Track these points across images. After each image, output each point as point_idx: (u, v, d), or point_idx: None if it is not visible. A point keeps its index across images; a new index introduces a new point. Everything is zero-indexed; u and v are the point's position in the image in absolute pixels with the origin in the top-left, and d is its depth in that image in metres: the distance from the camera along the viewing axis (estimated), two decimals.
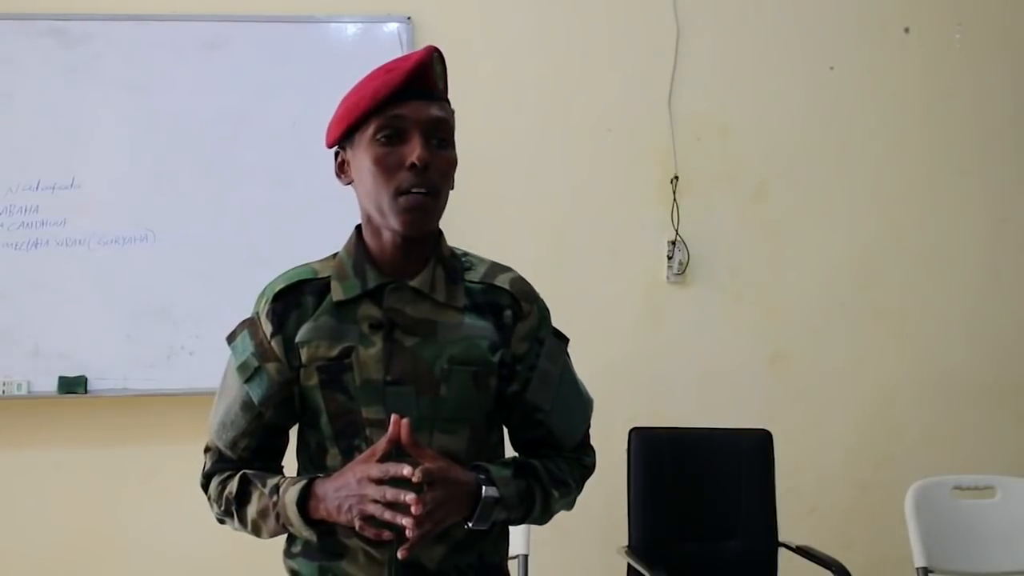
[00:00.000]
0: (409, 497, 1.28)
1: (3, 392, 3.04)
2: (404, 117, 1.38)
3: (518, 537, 2.60)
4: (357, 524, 1.33)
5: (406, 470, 1.29)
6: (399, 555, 1.32)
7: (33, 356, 3.06)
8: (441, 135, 1.42)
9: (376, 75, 1.41)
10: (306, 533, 1.40)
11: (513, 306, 1.46)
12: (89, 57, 3.11)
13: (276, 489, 1.41)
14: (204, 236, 3.11)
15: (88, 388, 3.06)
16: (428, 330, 1.43)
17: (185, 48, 3.14)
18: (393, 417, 1.34)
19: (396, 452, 1.34)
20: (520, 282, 1.50)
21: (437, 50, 1.43)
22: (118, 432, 3.15)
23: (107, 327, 3.09)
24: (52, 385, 3.05)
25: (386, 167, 1.39)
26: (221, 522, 1.51)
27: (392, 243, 1.44)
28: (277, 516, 1.40)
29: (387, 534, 1.32)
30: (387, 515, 1.30)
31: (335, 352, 1.42)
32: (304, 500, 1.38)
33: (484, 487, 1.36)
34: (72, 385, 3.05)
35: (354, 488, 1.33)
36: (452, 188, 1.47)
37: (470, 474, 1.38)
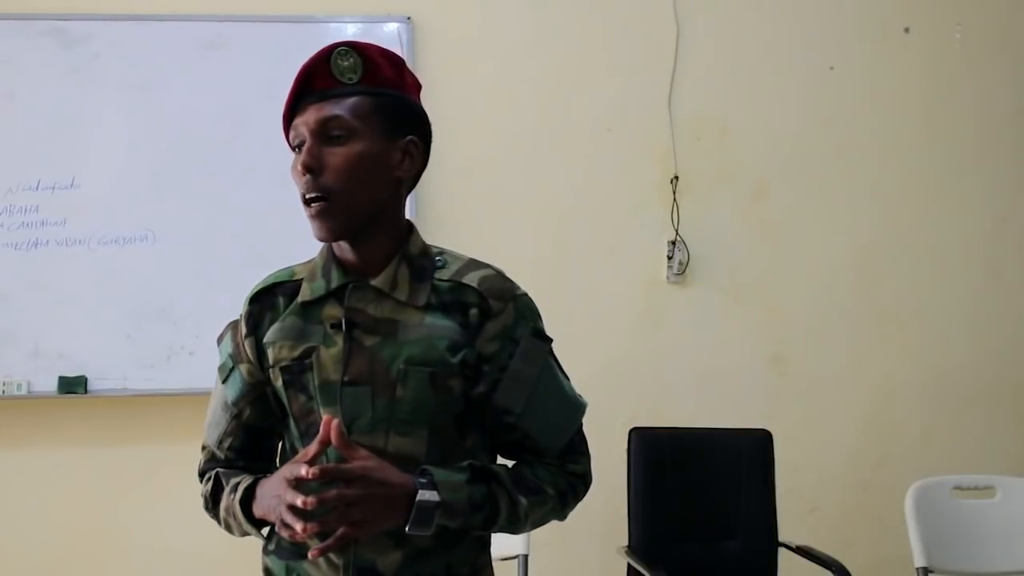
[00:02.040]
0: (300, 500, 1.25)
1: (3, 392, 3.04)
2: (299, 125, 1.40)
3: (517, 537, 2.60)
4: (277, 526, 1.34)
5: (302, 470, 1.27)
6: (309, 555, 1.31)
7: (33, 356, 3.06)
8: (336, 131, 1.38)
9: None
10: (253, 532, 1.43)
11: (480, 304, 1.41)
12: (89, 57, 3.11)
13: (235, 487, 1.43)
14: (204, 236, 3.11)
15: (88, 388, 3.06)
16: (389, 330, 1.40)
17: (185, 48, 3.14)
18: (324, 418, 1.31)
19: (338, 456, 1.32)
20: (493, 279, 1.44)
21: (343, 45, 1.41)
22: (118, 432, 3.15)
23: (107, 327, 3.09)
24: (52, 385, 3.05)
25: (295, 175, 1.41)
26: (213, 518, 1.52)
27: (345, 244, 1.44)
28: (234, 515, 1.43)
29: (298, 536, 1.29)
30: (288, 517, 1.29)
31: (297, 352, 1.42)
32: (248, 500, 1.41)
33: (420, 490, 1.31)
34: (72, 385, 3.05)
35: (276, 489, 1.34)
36: (398, 175, 1.42)
37: (405, 477, 1.32)
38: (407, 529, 1.31)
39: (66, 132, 3.10)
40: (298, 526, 1.27)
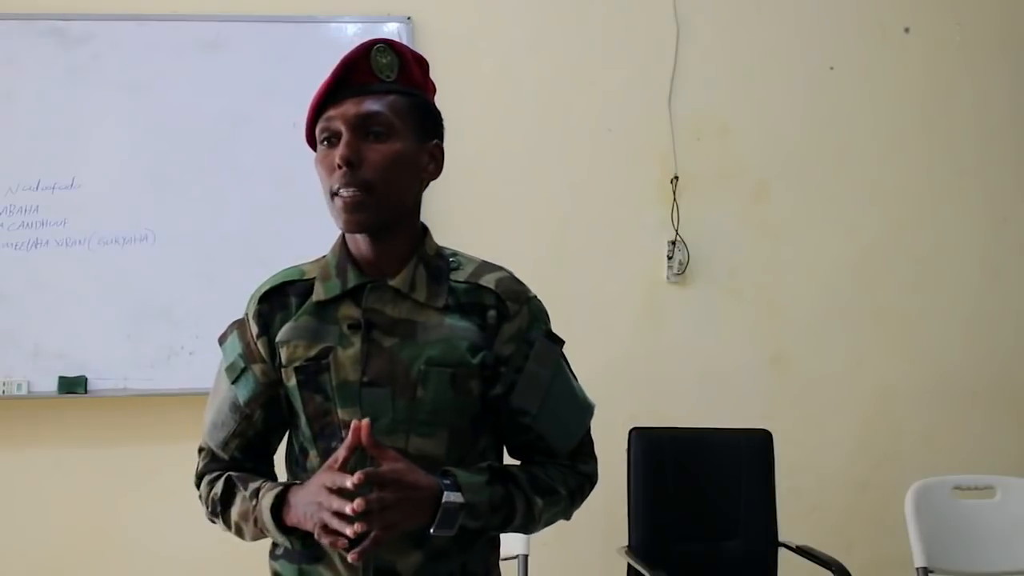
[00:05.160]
0: (348, 507, 1.25)
1: (3, 392, 3.04)
2: (335, 118, 1.38)
3: (518, 537, 2.60)
4: (316, 533, 1.32)
5: (347, 481, 1.26)
6: (349, 558, 1.29)
7: (33, 356, 3.05)
8: (376, 128, 1.38)
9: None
10: (281, 539, 1.40)
11: (498, 306, 1.42)
12: (89, 57, 3.11)
13: (256, 493, 1.41)
14: (204, 236, 3.11)
15: (88, 388, 3.06)
16: (407, 330, 1.40)
17: (185, 48, 3.14)
18: (353, 424, 1.31)
19: (362, 456, 1.32)
20: (508, 281, 1.46)
21: (381, 42, 1.41)
22: (118, 432, 3.15)
23: (107, 327, 3.09)
24: (52, 385, 3.05)
25: (324, 169, 1.40)
26: (212, 522, 1.51)
27: (364, 242, 1.43)
28: (255, 521, 1.41)
29: (342, 542, 1.29)
30: (335, 524, 1.28)
31: (313, 352, 1.41)
32: (279, 507, 1.38)
33: (445, 492, 1.32)
34: (72, 385, 3.05)
35: (313, 496, 1.32)
36: (423, 176, 1.44)
37: (431, 479, 1.33)
38: (432, 531, 1.32)
39: (66, 132, 3.10)
40: (348, 531, 1.26)
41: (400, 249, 1.44)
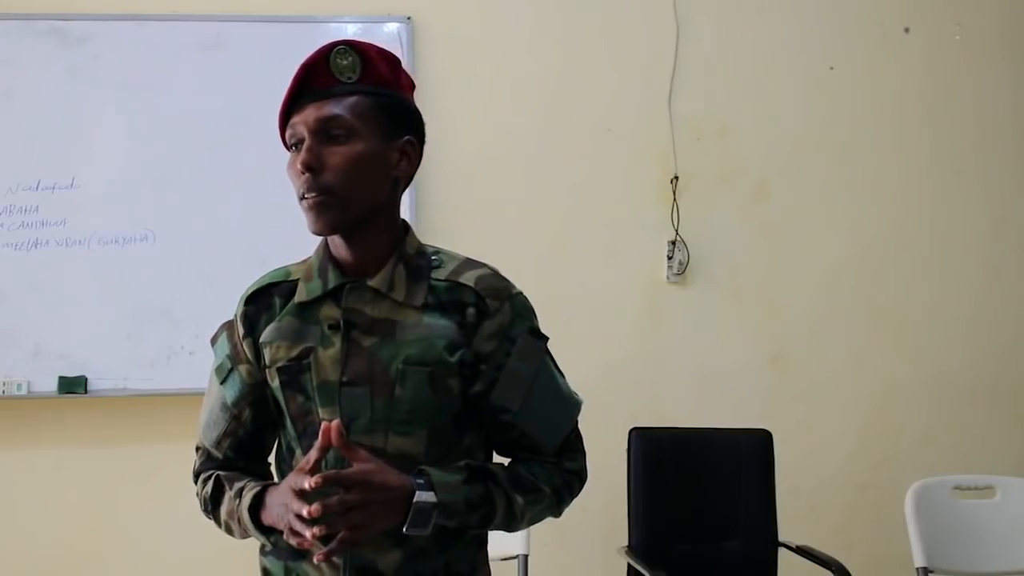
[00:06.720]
0: (305, 510, 1.26)
1: (3, 392, 3.04)
2: (298, 123, 1.41)
3: (517, 537, 2.61)
4: (285, 534, 1.33)
5: (306, 483, 1.27)
6: (315, 559, 1.31)
7: (33, 356, 3.06)
8: (336, 131, 1.39)
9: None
10: (261, 539, 1.42)
11: (477, 304, 1.42)
12: (89, 57, 3.11)
13: (240, 493, 1.43)
14: (204, 236, 3.11)
15: (88, 388, 3.06)
16: (387, 330, 1.41)
17: (185, 48, 3.14)
18: (323, 425, 1.31)
19: (339, 456, 1.33)
20: (489, 279, 1.45)
21: (342, 43, 1.42)
22: (118, 432, 3.15)
23: (107, 327, 3.09)
24: (52, 385, 3.05)
25: (292, 174, 1.42)
26: (209, 518, 1.52)
27: (341, 244, 1.44)
28: (239, 520, 1.43)
29: (307, 543, 1.29)
30: (296, 526, 1.29)
31: (295, 353, 1.42)
32: (256, 507, 1.40)
33: (417, 492, 1.32)
34: (72, 385, 3.05)
35: (282, 498, 1.34)
36: (396, 175, 1.43)
37: (404, 478, 1.32)
38: (404, 530, 1.32)
39: (66, 132, 3.10)
40: (307, 533, 1.27)
41: (379, 249, 1.44)
